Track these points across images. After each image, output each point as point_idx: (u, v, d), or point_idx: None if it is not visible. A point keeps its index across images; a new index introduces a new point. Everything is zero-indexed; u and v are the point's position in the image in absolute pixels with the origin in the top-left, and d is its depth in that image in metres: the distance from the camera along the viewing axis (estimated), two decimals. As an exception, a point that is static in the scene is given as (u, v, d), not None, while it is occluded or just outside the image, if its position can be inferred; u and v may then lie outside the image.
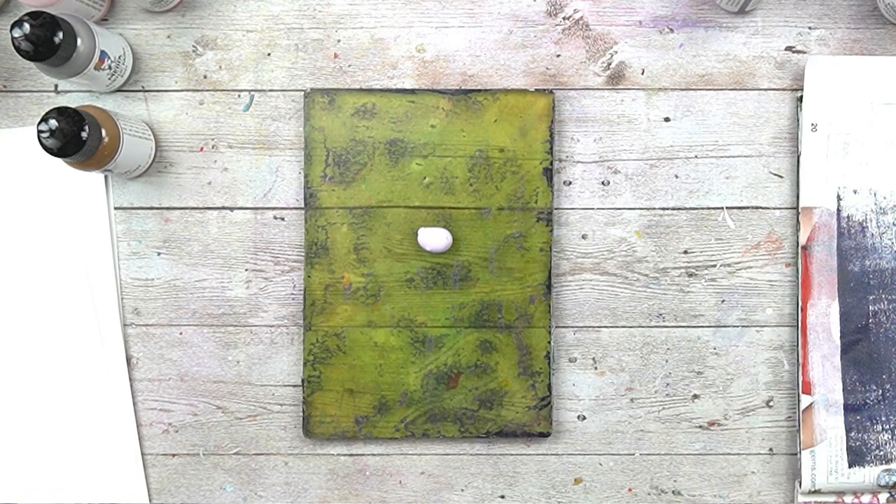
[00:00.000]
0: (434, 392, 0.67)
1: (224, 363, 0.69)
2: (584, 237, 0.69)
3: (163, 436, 0.70)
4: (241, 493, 0.70)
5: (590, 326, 0.69)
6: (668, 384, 0.69)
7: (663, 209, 0.69)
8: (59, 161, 0.61)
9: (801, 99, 0.67)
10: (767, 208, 0.68)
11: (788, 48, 0.68)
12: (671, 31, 0.69)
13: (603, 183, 0.69)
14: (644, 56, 0.69)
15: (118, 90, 0.69)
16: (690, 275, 0.68)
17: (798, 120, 0.68)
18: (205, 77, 0.69)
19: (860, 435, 0.66)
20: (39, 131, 0.59)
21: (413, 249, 0.68)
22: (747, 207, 0.68)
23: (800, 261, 0.67)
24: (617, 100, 0.69)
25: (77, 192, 0.69)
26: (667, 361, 0.69)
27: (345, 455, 0.69)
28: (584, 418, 0.69)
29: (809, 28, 0.68)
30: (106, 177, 0.69)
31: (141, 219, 0.69)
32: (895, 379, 0.66)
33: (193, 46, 0.69)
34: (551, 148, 0.67)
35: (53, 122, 0.59)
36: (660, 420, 0.69)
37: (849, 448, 0.66)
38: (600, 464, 0.69)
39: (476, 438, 0.68)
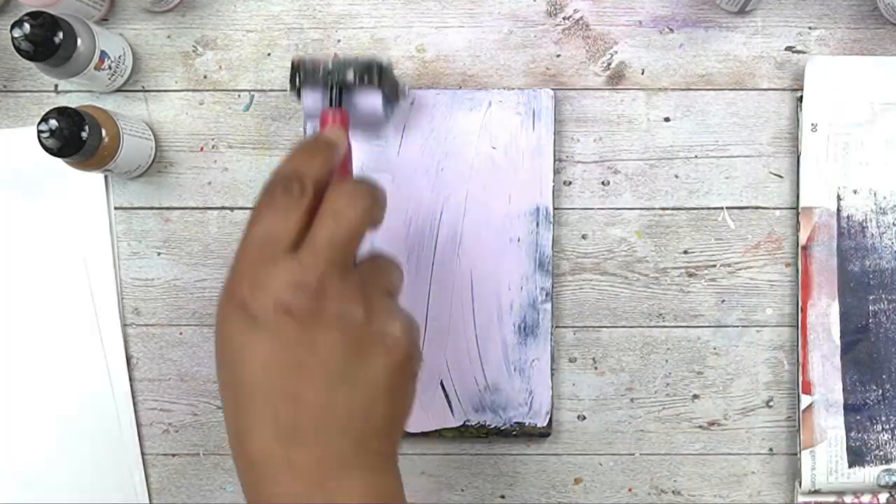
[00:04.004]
0: (434, 392, 0.67)
1: (224, 363, 0.69)
2: (584, 237, 0.69)
3: (163, 436, 0.70)
4: (241, 493, 0.69)
5: (590, 326, 0.69)
6: (668, 384, 0.69)
7: (663, 209, 0.69)
8: (59, 161, 0.61)
9: (801, 99, 0.67)
10: (767, 208, 0.68)
11: (788, 48, 0.68)
12: (671, 31, 0.69)
13: (603, 183, 0.69)
14: (644, 56, 0.69)
15: (118, 90, 0.69)
16: (690, 275, 0.68)
17: (798, 120, 0.68)
18: (205, 77, 0.69)
19: (860, 435, 0.66)
20: (39, 131, 0.59)
21: (413, 249, 0.68)
22: (747, 207, 0.68)
23: (800, 261, 0.67)
24: (617, 100, 0.69)
25: (77, 192, 0.69)
26: (667, 361, 0.69)
27: (345, 455, 0.69)
28: (584, 418, 0.69)
29: (809, 28, 0.68)
30: (106, 177, 0.69)
31: (141, 219, 0.69)
32: (895, 379, 0.66)
33: (193, 46, 0.69)
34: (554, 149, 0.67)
35: (53, 122, 0.59)
36: (660, 420, 0.69)
37: (849, 448, 0.66)
38: (600, 464, 0.69)
39: (476, 438, 0.68)
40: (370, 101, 0.59)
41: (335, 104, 0.57)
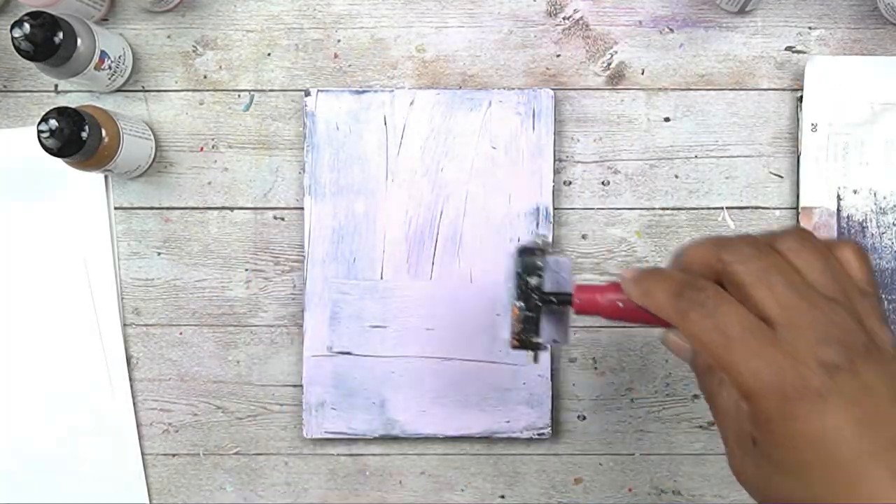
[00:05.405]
0: (434, 392, 0.67)
1: (224, 363, 0.69)
2: (584, 237, 0.69)
3: (163, 436, 0.70)
4: (241, 493, 0.70)
5: (590, 326, 0.69)
6: (668, 384, 0.69)
7: (663, 209, 0.69)
8: (59, 161, 0.61)
9: (801, 99, 0.67)
10: (767, 208, 0.68)
11: (788, 48, 0.68)
12: (671, 31, 0.69)
13: (603, 183, 0.69)
14: (644, 56, 0.69)
15: (118, 90, 0.69)
16: (690, 275, 0.68)
17: (798, 120, 0.68)
18: (205, 77, 0.69)
19: (860, 435, 0.66)
20: (39, 131, 0.59)
21: (413, 249, 0.68)
22: (747, 207, 0.68)
23: (800, 261, 0.67)
24: (617, 100, 0.69)
25: (77, 192, 0.69)
26: (667, 361, 0.68)
27: (345, 455, 0.69)
28: (584, 418, 0.69)
29: (809, 28, 0.68)
30: (106, 177, 0.69)
31: (141, 219, 0.69)
32: (895, 379, 0.66)
33: (193, 46, 0.69)
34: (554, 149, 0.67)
35: (53, 122, 0.59)
36: (660, 420, 0.69)
37: (849, 448, 0.66)
38: (600, 464, 0.69)
39: (476, 438, 0.68)
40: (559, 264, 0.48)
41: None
